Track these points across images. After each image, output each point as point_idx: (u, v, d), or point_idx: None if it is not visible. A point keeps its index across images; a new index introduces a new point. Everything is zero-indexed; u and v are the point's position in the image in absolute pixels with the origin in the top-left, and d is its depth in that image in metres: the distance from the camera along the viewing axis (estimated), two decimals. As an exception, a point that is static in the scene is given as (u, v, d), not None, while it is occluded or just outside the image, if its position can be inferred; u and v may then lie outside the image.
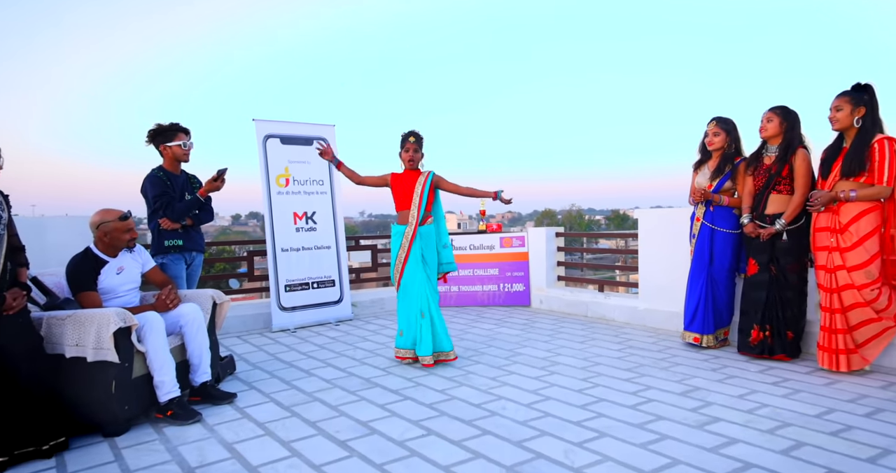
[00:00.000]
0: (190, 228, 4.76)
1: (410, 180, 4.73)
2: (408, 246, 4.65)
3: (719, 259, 4.99)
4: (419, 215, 4.66)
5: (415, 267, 4.65)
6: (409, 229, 4.67)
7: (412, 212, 4.66)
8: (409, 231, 4.67)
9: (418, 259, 4.65)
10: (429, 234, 4.72)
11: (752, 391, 3.81)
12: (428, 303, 4.64)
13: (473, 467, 2.80)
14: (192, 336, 3.92)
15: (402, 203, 4.75)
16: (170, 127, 4.62)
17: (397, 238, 4.73)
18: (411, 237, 4.65)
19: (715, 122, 5.01)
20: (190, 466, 2.91)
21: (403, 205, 4.74)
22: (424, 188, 4.67)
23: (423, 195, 4.67)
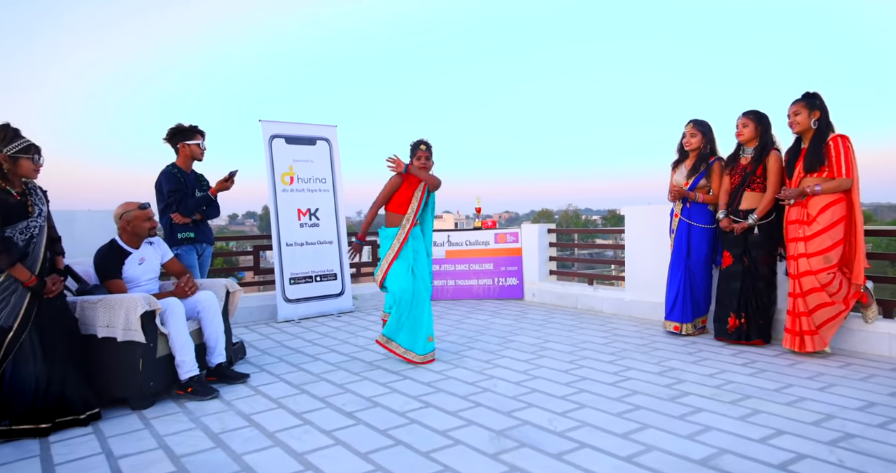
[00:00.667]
0: (199, 222, 5.09)
1: (412, 186, 4.76)
2: (398, 248, 4.65)
3: (696, 252, 5.35)
4: (414, 218, 4.71)
5: (404, 269, 4.64)
6: (401, 231, 4.68)
7: (407, 216, 4.70)
8: (400, 233, 4.68)
9: (409, 258, 4.67)
10: (416, 235, 4.78)
11: (722, 370, 4.17)
12: (423, 298, 4.70)
13: (467, 432, 3.15)
14: (208, 320, 4.26)
15: (400, 206, 4.74)
16: (190, 127, 4.96)
17: (388, 241, 4.73)
18: (403, 239, 4.66)
19: (692, 124, 5.37)
20: (214, 432, 3.26)
21: (400, 209, 4.74)
22: (424, 197, 4.74)
23: (423, 202, 4.73)
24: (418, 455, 2.86)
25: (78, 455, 3.01)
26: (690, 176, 5.36)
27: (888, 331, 4.47)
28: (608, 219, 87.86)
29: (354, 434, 3.18)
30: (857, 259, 4.29)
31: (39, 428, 3.24)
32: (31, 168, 3.35)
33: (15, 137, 3.29)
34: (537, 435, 3.07)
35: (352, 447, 3.00)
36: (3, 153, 3.24)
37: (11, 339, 3.20)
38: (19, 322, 3.22)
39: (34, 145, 3.35)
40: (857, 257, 4.29)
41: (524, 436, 3.06)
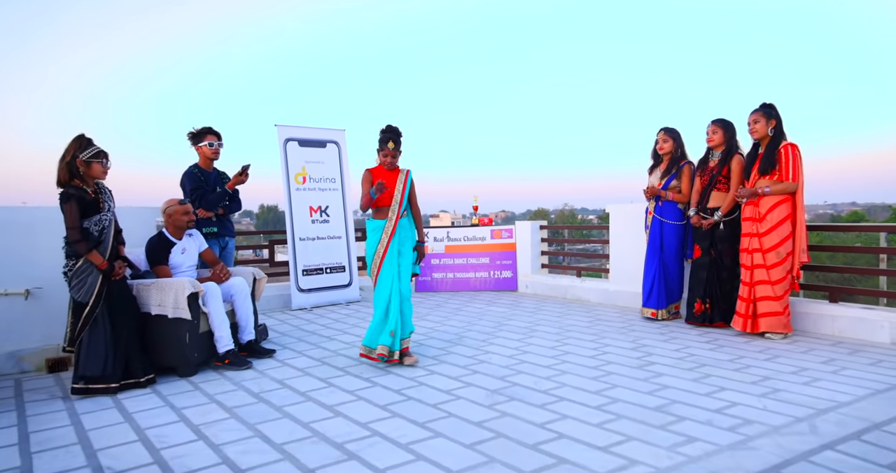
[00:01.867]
0: (223, 217, 5.70)
1: (390, 177, 4.77)
2: (387, 241, 4.68)
3: (668, 245, 6.01)
4: (399, 210, 4.73)
5: (391, 260, 4.69)
6: (388, 224, 4.69)
7: (392, 208, 4.71)
8: (388, 226, 4.69)
9: (395, 252, 4.70)
10: (404, 226, 4.80)
11: (686, 346, 4.83)
12: (394, 295, 4.64)
13: (467, 391, 3.79)
14: (240, 303, 4.89)
15: (381, 199, 4.73)
16: (201, 130, 5.56)
17: (376, 233, 4.72)
18: (391, 231, 4.68)
19: (664, 132, 6.04)
20: (254, 391, 3.90)
21: (383, 202, 4.74)
22: (406, 187, 4.76)
23: (405, 192, 4.75)
24: (427, 407, 3.50)
25: (147, 406, 3.65)
26: (663, 177, 6.01)
27: (831, 314, 5.13)
28: (603, 218, 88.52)
29: (372, 393, 3.82)
30: (796, 253, 4.94)
31: (110, 387, 3.88)
32: (101, 170, 3.98)
33: (88, 145, 3.92)
34: (524, 393, 3.71)
35: (371, 401, 3.63)
36: (80, 158, 3.87)
37: (88, 313, 3.84)
38: (94, 299, 3.86)
39: (104, 151, 3.98)
40: (797, 251, 4.94)
41: (514, 393, 3.71)
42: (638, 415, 3.25)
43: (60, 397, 3.90)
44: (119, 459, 2.86)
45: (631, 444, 2.86)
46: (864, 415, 3.16)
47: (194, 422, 3.34)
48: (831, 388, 3.63)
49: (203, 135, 5.54)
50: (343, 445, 2.94)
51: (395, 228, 4.70)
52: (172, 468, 2.73)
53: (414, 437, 3.03)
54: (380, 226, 4.74)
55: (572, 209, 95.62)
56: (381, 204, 4.76)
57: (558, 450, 2.81)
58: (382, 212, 4.77)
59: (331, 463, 2.73)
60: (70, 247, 3.88)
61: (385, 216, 4.74)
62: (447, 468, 2.66)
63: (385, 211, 4.76)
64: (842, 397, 3.47)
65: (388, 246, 4.68)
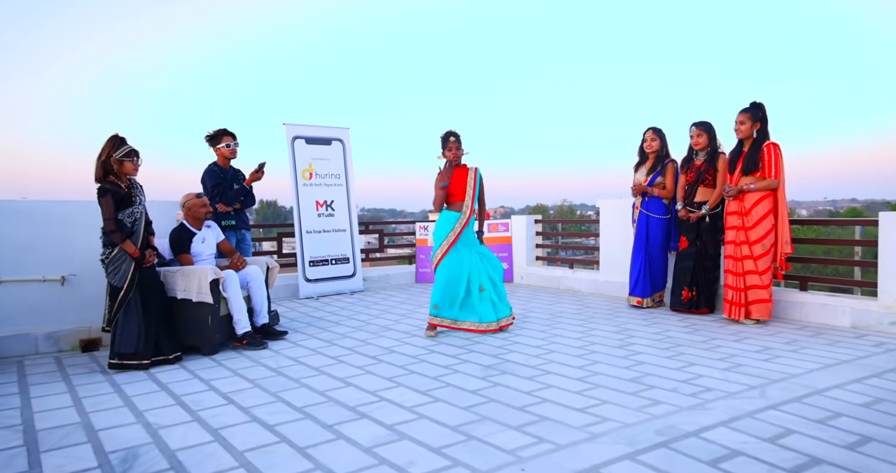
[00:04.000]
0: (240, 211, 6.12)
1: (461, 174, 5.26)
2: (459, 231, 5.18)
3: (654, 238, 6.44)
4: (473, 204, 5.23)
5: (463, 249, 5.23)
6: (463, 216, 5.20)
7: (466, 203, 5.22)
8: (463, 218, 5.20)
9: (467, 242, 5.24)
10: (472, 225, 5.32)
11: (666, 330, 5.27)
12: (488, 278, 5.32)
13: (464, 366, 4.23)
14: (255, 289, 5.32)
15: (455, 194, 5.24)
16: (216, 133, 5.96)
17: (448, 223, 5.20)
18: (464, 223, 5.20)
19: (652, 131, 6.46)
20: (272, 367, 4.33)
21: (457, 197, 5.23)
22: (476, 182, 5.25)
23: (476, 187, 5.25)
24: (428, 378, 3.94)
25: (178, 378, 4.09)
26: (649, 174, 6.44)
27: (800, 301, 5.58)
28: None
29: (379, 368, 4.25)
30: (779, 244, 5.37)
31: (142, 364, 4.32)
32: (132, 167, 4.40)
33: (121, 144, 4.34)
34: (515, 368, 4.15)
35: (378, 374, 4.07)
36: (113, 157, 4.29)
37: (122, 296, 4.28)
38: (128, 283, 4.29)
39: (135, 150, 4.40)
40: (780, 242, 5.37)
41: (506, 368, 4.15)
42: (613, 385, 3.69)
43: (99, 371, 4.34)
44: (164, 417, 3.30)
45: (605, 407, 3.30)
46: (809, 384, 3.62)
47: (223, 390, 3.78)
48: (787, 364, 4.08)
49: (220, 137, 5.95)
50: (356, 407, 3.39)
51: (467, 222, 5.20)
52: (210, 424, 3.17)
53: (417, 402, 3.47)
54: (453, 218, 5.22)
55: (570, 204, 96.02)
56: (455, 199, 5.23)
57: (542, 411, 3.25)
58: (456, 206, 5.25)
59: (346, 421, 3.18)
60: (106, 237, 4.31)
61: (459, 209, 5.23)
62: (446, 424, 3.10)
63: (459, 205, 5.24)
64: (794, 371, 3.91)
65: (458, 237, 5.18)
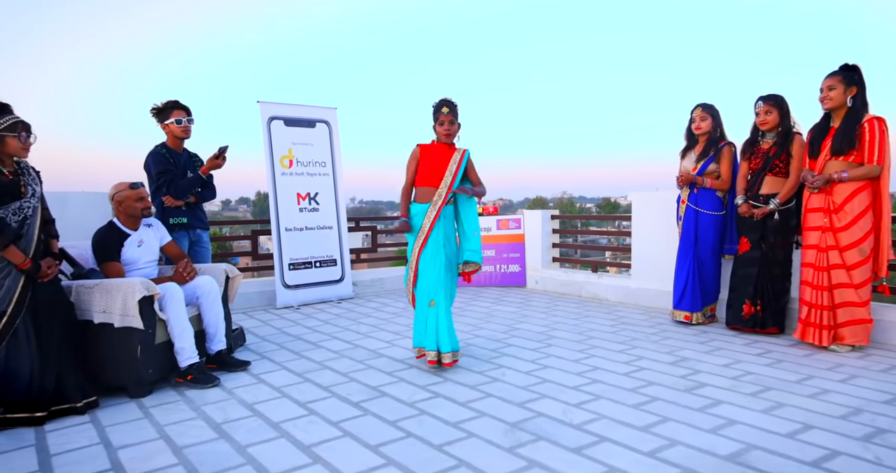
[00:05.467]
0: (194, 206, 4.87)
1: (443, 155, 4.14)
2: (429, 227, 4.04)
3: (704, 239, 5.24)
4: (447, 195, 4.07)
5: (434, 251, 4.05)
6: (432, 208, 4.05)
7: (440, 190, 4.07)
8: (431, 210, 4.05)
9: (439, 242, 4.06)
10: (449, 213, 4.19)
11: (737, 360, 4.07)
12: (438, 292, 4.04)
13: (480, 424, 3.03)
14: (208, 306, 4.12)
15: (428, 178, 4.11)
16: (166, 105, 4.72)
17: (417, 218, 4.11)
18: (434, 217, 4.04)
19: (701, 108, 5.24)
20: (216, 422, 3.13)
21: (430, 181, 4.10)
22: (460, 167, 4.11)
23: (458, 174, 4.10)
24: (431, 448, 2.74)
25: (76, 444, 2.87)
26: (699, 160, 5.24)
27: (907, 322, 4.37)
28: (602, 207, 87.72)
29: (362, 425, 3.06)
30: (882, 250, 4.17)
31: (35, 417, 3.10)
32: (18, 146, 3.18)
33: (1, 114, 3.13)
34: (553, 428, 2.95)
35: (360, 439, 2.87)
36: (-8, 130, 3.07)
37: (5, 325, 3.06)
38: (13, 307, 3.08)
39: (22, 122, 3.17)
40: (882, 248, 4.17)
41: (540, 429, 2.95)
42: (705, 467, 2.49)
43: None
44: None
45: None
46: None
47: (127, 470, 2.58)
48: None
49: (169, 111, 4.72)
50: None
51: (438, 214, 4.05)
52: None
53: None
54: (422, 211, 4.10)
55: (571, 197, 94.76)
56: (426, 183, 4.12)
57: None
58: (426, 194, 4.12)
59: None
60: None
61: (429, 198, 4.09)
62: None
63: (429, 193, 4.11)
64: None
65: (428, 235, 4.04)
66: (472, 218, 4.23)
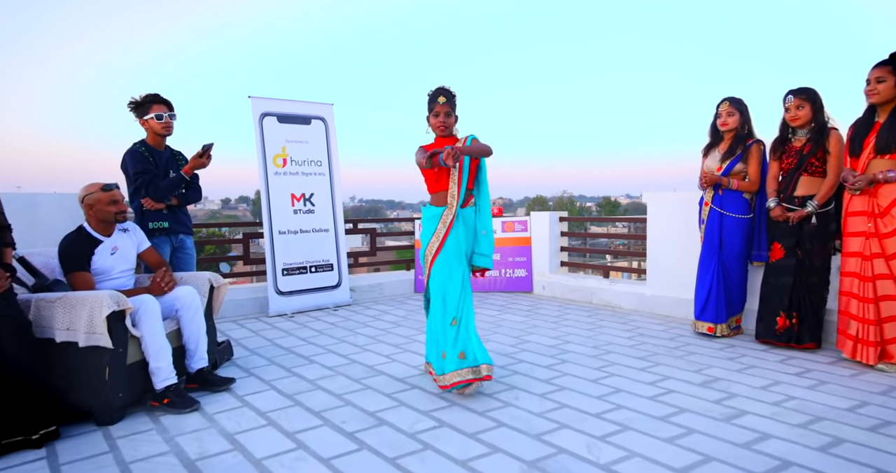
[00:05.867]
0: (176, 209, 4.45)
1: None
2: (444, 234, 3.63)
3: (729, 244, 4.84)
4: (460, 194, 3.65)
5: (450, 260, 3.63)
6: (447, 212, 3.64)
7: (451, 192, 3.65)
8: (447, 214, 3.64)
9: (457, 251, 3.65)
10: (470, 219, 3.76)
11: (775, 381, 3.66)
12: (461, 307, 3.59)
13: (492, 462, 2.63)
14: (188, 320, 3.72)
15: (437, 181, 3.71)
16: (144, 99, 4.30)
17: (431, 223, 3.70)
18: (450, 222, 3.63)
19: (728, 102, 4.84)
20: (189, 458, 2.73)
21: (439, 184, 3.70)
22: (464, 163, 3.68)
23: (464, 168, 3.66)
24: (437, 496, 2.35)
25: (22, 490, 2.48)
26: (725, 159, 4.83)
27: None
28: (603, 206, 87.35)
29: (357, 463, 2.65)
30: None
31: (-21, 454, 2.71)
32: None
33: None
34: (579, 468, 2.55)
35: (356, 482, 2.48)
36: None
37: (-55, 347, 2.66)
38: (-45, 326, 2.68)
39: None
40: None
41: (563, 470, 2.55)
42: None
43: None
44: None
45: None
46: None
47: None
48: None
49: (148, 106, 4.30)
50: None
51: (454, 218, 3.64)
52: None
53: None
54: (436, 215, 3.70)
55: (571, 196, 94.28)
56: (438, 187, 3.72)
57: None
58: (440, 198, 3.72)
59: None
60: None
61: (444, 202, 3.69)
62: None
63: (442, 196, 3.71)
64: None
65: (444, 241, 3.63)
66: (485, 215, 3.82)
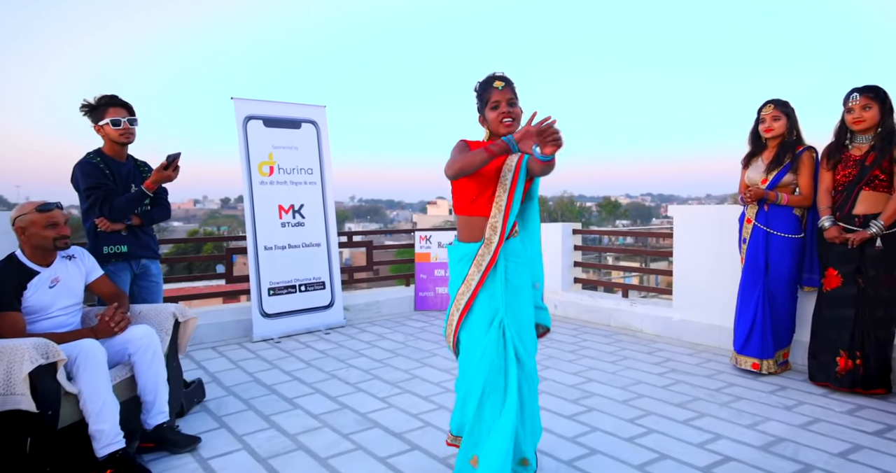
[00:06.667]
0: (138, 229, 3.78)
1: (492, 163, 2.48)
2: (479, 281, 2.48)
3: (776, 268, 4.21)
4: (507, 225, 2.49)
5: (488, 316, 2.49)
6: (484, 251, 2.49)
7: (493, 221, 2.49)
8: (484, 254, 2.49)
9: (496, 304, 2.49)
10: (517, 255, 2.56)
11: (855, 445, 3.02)
12: (510, 384, 2.44)
13: None
14: (144, 367, 3.09)
15: (474, 200, 2.54)
16: (99, 101, 3.65)
17: (461, 265, 2.55)
18: (487, 266, 2.47)
19: (773, 105, 4.22)
20: None
21: (476, 206, 2.54)
22: (519, 174, 2.49)
23: (517, 186, 2.49)
24: None
25: None
26: (771, 170, 4.21)
27: None
28: (603, 206, 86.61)
29: None
30: None
31: None
32: None
33: None
34: None
35: None
36: None
37: None
38: None
39: None
40: None
41: None
42: None
43: None
44: None
45: None
46: None
47: None
48: None
49: (103, 110, 3.65)
50: None
51: (495, 257, 2.48)
52: None
53: None
54: (468, 255, 2.54)
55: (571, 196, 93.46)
56: (472, 210, 2.55)
57: None
58: (473, 228, 2.55)
59: None
60: None
61: (478, 236, 2.53)
62: None
63: (479, 225, 2.54)
64: None
65: (479, 288, 2.49)
66: (533, 245, 2.68)
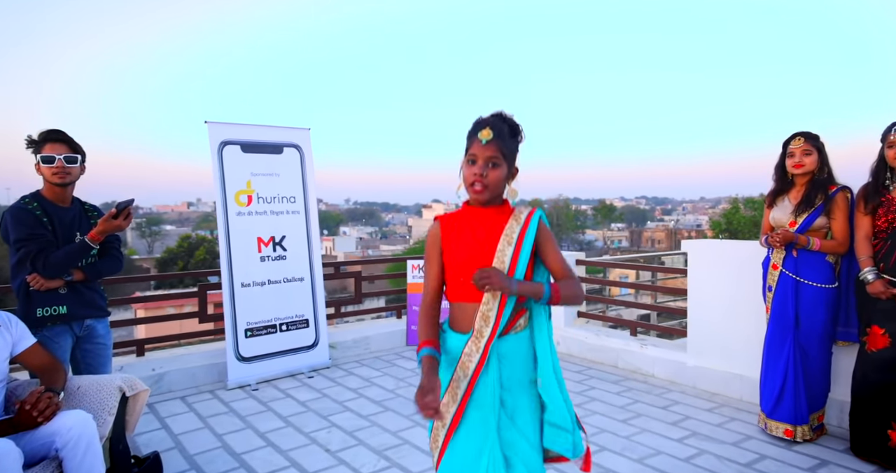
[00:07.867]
0: (80, 285, 3.28)
1: (487, 229, 2.02)
2: (467, 387, 1.96)
3: (808, 321, 3.72)
4: (501, 313, 1.95)
5: (478, 433, 1.96)
6: (473, 347, 1.97)
7: (485, 308, 1.96)
8: (472, 351, 1.96)
9: (487, 420, 1.96)
10: (516, 355, 2.01)
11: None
12: None
13: None
14: (74, 463, 2.60)
15: (463, 284, 2.01)
16: (39, 136, 3.16)
17: (445, 363, 2.03)
18: (478, 364, 1.95)
19: (803, 139, 3.74)
20: None
21: (467, 290, 1.99)
22: (522, 246, 1.98)
23: (518, 261, 1.97)
24: None
25: None
26: (800, 213, 3.73)
27: None
28: (598, 210, 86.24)
29: None
30: None
31: None
32: None
33: None
34: None
35: None
36: None
37: None
38: None
39: None
40: None
41: None
42: None
43: None
44: None
45: None
46: None
47: None
48: None
49: (41, 146, 3.14)
50: None
51: (485, 356, 1.95)
52: None
53: None
54: (454, 348, 2.02)
55: (566, 199, 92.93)
56: (462, 296, 2.02)
57: None
58: (464, 315, 2.02)
59: None
60: None
61: (467, 326, 2.00)
62: None
63: (466, 312, 2.01)
64: None
65: (469, 394, 1.97)
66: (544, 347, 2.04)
